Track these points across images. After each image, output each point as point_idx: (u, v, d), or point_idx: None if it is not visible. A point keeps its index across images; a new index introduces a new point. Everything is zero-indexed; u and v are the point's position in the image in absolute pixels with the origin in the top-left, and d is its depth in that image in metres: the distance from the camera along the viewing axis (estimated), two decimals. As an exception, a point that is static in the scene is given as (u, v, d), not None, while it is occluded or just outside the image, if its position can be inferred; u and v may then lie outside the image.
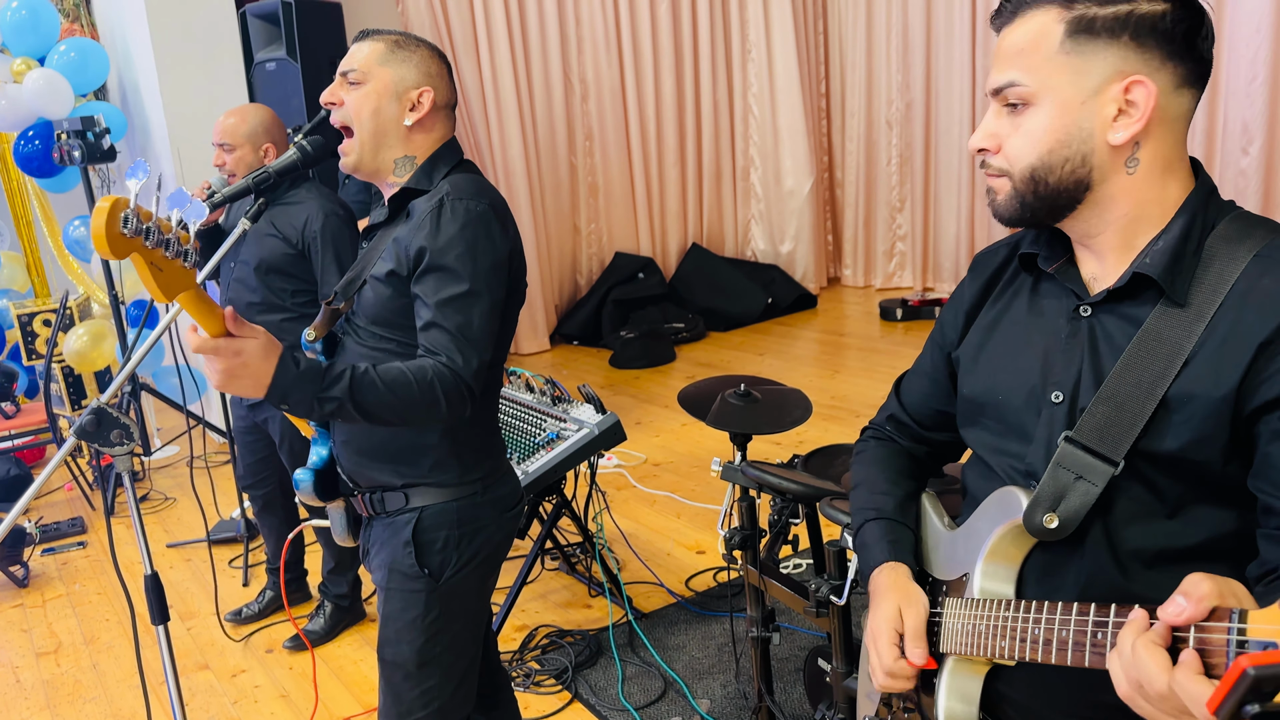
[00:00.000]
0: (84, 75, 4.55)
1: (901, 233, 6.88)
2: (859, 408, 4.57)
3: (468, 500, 1.65)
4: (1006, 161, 1.05)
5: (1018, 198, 1.05)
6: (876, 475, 1.31)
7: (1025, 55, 1.02)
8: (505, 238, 1.59)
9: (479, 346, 1.52)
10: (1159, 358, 0.99)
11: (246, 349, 1.35)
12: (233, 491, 3.70)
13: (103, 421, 1.52)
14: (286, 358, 1.39)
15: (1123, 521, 1.02)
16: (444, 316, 1.51)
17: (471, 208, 1.55)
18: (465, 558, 1.65)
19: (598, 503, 3.11)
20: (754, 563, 2.08)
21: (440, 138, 1.65)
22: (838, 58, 7.03)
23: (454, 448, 1.63)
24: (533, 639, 2.86)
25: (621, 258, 6.61)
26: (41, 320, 4.69)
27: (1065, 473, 1.02)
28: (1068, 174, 1.03)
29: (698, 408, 2.29)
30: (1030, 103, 1.02)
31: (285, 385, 1.38)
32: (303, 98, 4.36)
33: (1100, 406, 1.02)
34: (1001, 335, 1.17)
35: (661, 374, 5.56)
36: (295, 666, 2.87)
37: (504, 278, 1.58)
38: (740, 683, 2.56)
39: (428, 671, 1.65)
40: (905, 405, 1.35)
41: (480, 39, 5.87)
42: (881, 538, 1.23)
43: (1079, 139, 1.01)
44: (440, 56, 1.68)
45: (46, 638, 3.17)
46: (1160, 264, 1.01)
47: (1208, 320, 0.98)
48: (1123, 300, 1.04)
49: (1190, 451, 0.98)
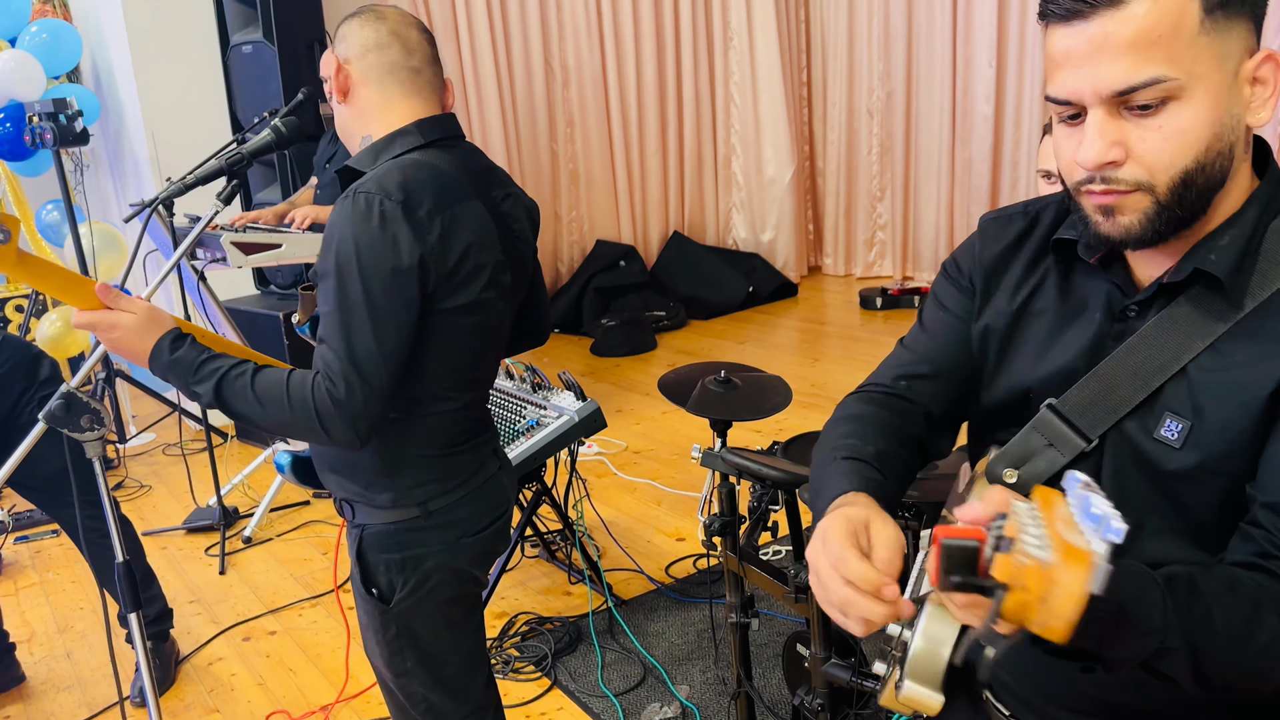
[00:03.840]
0: (56, 57, 4.48)
1: (882, 222, 6.89)
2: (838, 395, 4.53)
3: (407, 524, 1.50)
4: (1146, 171, 0.89)
5: (1163, 212, 0.90)
6: (852, 427, 1.11)
7: (1163, 43, 0.85)
8: (416, 241, 1.34)
9: (367, 372, 1.32)
10: (1169, 346, 0.93)
11: (121, 323, 1.34)
12: (209, 479, 3.67)
13: (72, 406, 1.50)
14: (163, 343, 1.37)
15: (1134, 530, 0.94)
16: (326, 331, 1.35)
17: (374, 204, 1.33)
18: (413, 583, 1.51)
19: (578, 490, 3.11)
20: (734, 549, 2.08)
21: (385, 97, 1.46)
22: (819, 46, 7.02)
23: (385, 468, 1.47)
24: (512, 626, 2.85)
25: (603, 245, 6.59)
26: (14, 305, 4.62)
27: (1038, 437, 1.00)
28: (1217, 171, 0.90)
29: (678, 395, 2.28)
30: (1176, 97, 0.87)
31: (160, 369, 1.38)
32: (279, 81, 4.31)
33: (1092, 382, 0.97)
34: (1030, 325, 1.07)
35: (642, 362, 5.56)
36: (272, 655, 2.85)
37: (407, 289, 1.35)
38: (719, 668, 2.56)
39: (405, 681, 1.60)
40: (928, 357, 1.15)
41: (460, 24, 5.82)
42: (851, 473, 1.02)
43: (1230, 128, 0.89)
44: (359, 12, 1.50)
45: (20, 626, 3.13)
46: (1227, 262, 0.91)
47: (1237, 319, 0.91)
48: (1174, 296, 0.95)
49: (1188, 457, 0.92)
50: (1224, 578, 0.86)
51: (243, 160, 1.73)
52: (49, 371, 2.55)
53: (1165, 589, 0.82)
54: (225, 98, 4.73)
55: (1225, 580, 0.86)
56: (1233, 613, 0.83)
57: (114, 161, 5.10)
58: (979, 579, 0.72)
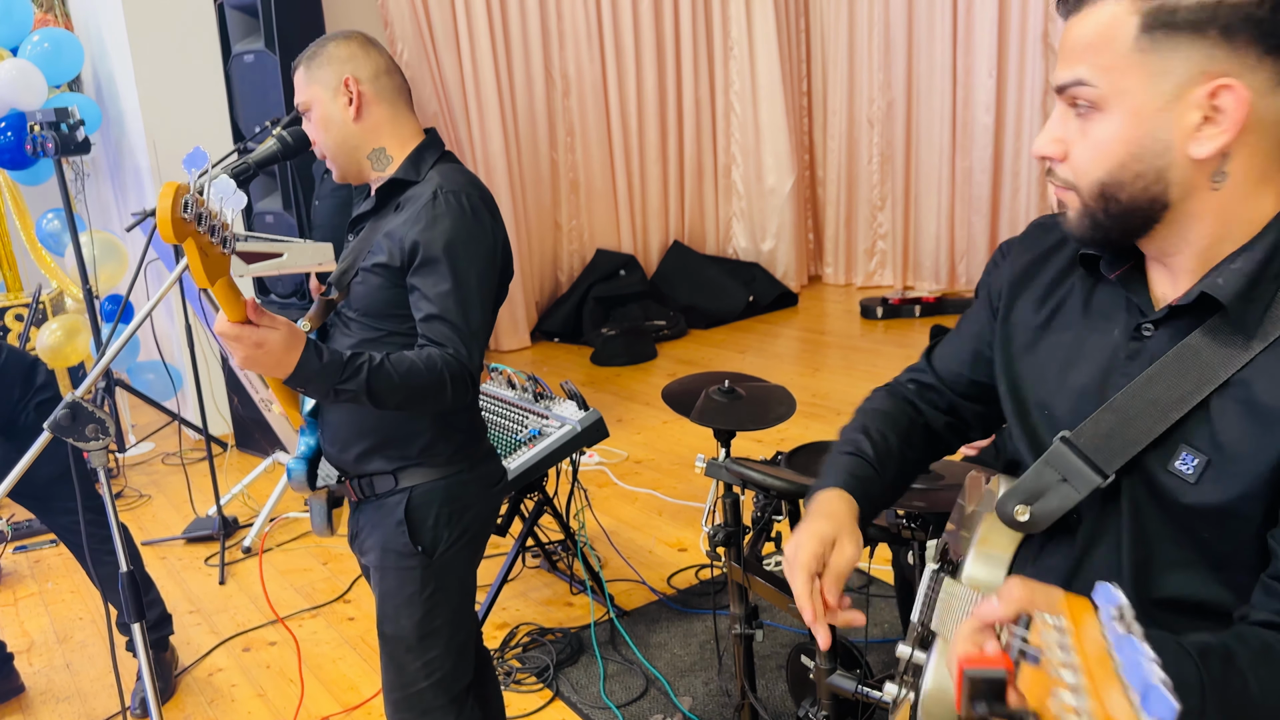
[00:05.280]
0: (58, 66, 4.47)
1: (882, 231, 6.90)
2: (840, 405, 4.58)
3: (455, 478, 1.70)
4: (1073, 173, 0.92)
5: (1088, 215, 0.92)
6: (873, 419, 1.21)
7: (1094, 51, 0.87)
8: (496, 229, 1.63)
9: (479, 336, 1.58)
10: (1189, 378, 0.90)
11: (269, 340, 1.42)
12: (209, 489, 3.66)
13: (78, 416, 1.50)
14: (310, 351, 1.46)
15: (1150, 563, 0.94)
16: (444, 309, 1.55)
17: (465, 201, 1.58)
18: (456, 533, 1.70)
19: (579, 500, 3.10)
20: (737, 559, 2.08)
21: (396, 115, 1.66)
22: (819, 55, 7.04)
23: (444, 430, 1.68)
24: (514, 637, 2.84)
25: (603, 254, 6.59)
26: (14, 315, 4.61)
27: (1051, 471, 0.98)
28: (1140, 191, 0.89)
29: (682, 404, 2.28)
30: (1099, 107, 0.88)
31: (308, 375, 1.46)
32: (281, 90, 4.31)
33: (1108, 415, 0.94)
34: (1053, 340, 1.06)
35: (643, 371, 5.55)
36: (272, 665, 2.83)
37: (496, 269, 1.63)
38: (723, 680, 2.55)
39: (429, 644, 1.70)
40: (936, 368, 1.23)
41: (461, 33, 5.83)
42: (845, 470, 1.15)
43: (1154, 152, 0.87)
44: (349, 38, 1.66)
45: (19, 636, 3.12)
46: (1234, 287, 0.88)
47: (1260, 350, 0.88)
48: (1190, 318, 0.92)
49: (1207, 494, 0.89)
50: (1257, 645, 0.83)
51: (249, 170, 1.73)
52: (44, 378, 2.57)
53: (1200, 664, 0.79)
54: (226, 107, 4.73)
55: (1258, 647, 0.83)
56: (1270, 683, 0.81)
57: (115, 170, 5.10)
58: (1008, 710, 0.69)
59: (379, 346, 1.61)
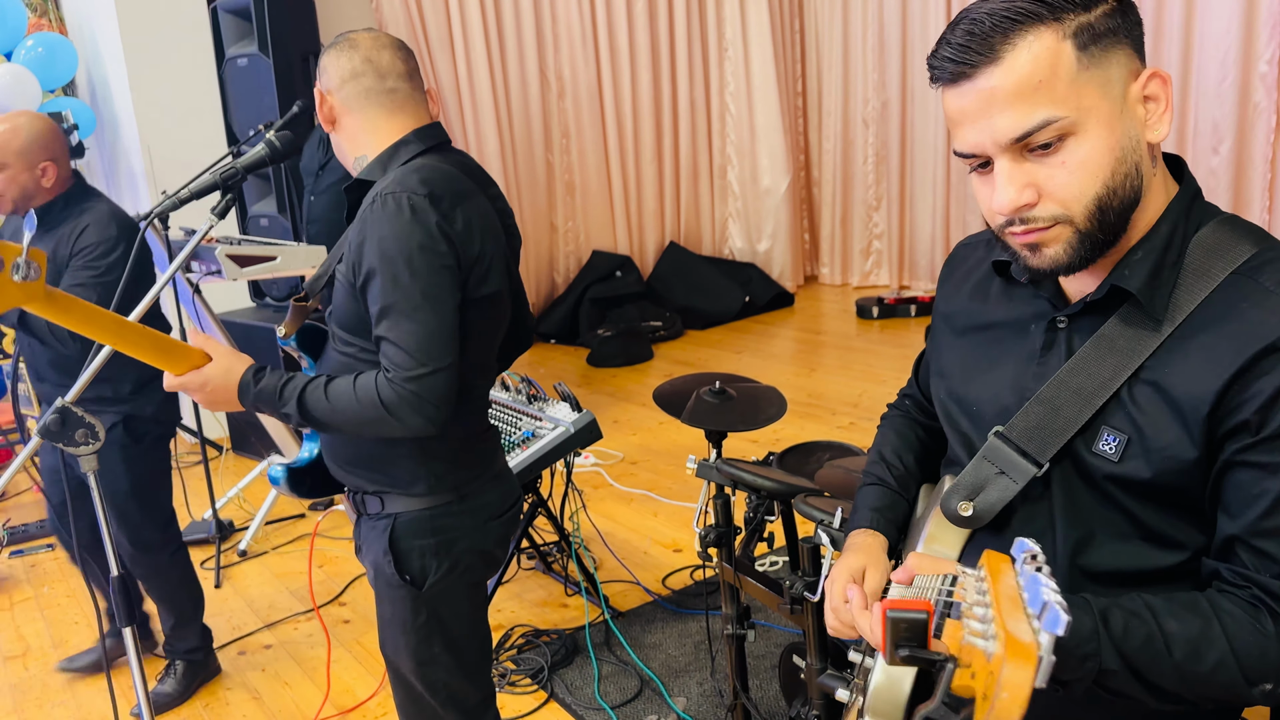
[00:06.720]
0: (52, 70, 4.48)
1: (878, 231, 6.91)
2: (835, 405, 4.58)
3: (442, 509, 1.58)
4: (1061, 206, 0.93)
5: (1084, 239, 0.94)
6: (887, 445, 1.33)
7: (1044, 88, 0.90)
8: (450, 229, 1.44)
9: (433, 354, 1.40)
10: (1106, 365, 0.97)
11: (210, 377, 1.39)
12: (204, 492, 3.66)
13: (67, 421, 1.50)
14: (247, 378, 1.42)
15: (1090, 541, 1.01)
16: (388, 329, 1.41)
17: (405, 201, 1.41)
18: (446, 566, 1.58)
19: (574, 501, 3.10)
20: (729, 560, 2.08)
21: (367, 119, 1.55)
22: (814, 56, 7.05)
23: (422, 458, 1.55)
24: (509, 638, 2.84)
25: (599, 256, 6.60)
26: (9, 319, 4.61)
27: (988, 465, 1.03)
28: (1130, 190, 0.94)
29: (673, 406, 2.28)
30: (1072, 132, 0.91)
31: (248, 403, 1.43)
32: (275, 94, 4.31)
33: (1037, 407, 1.01)
34: (975, 342, 1.14)
35: (639, 372, 5.56)
36: (267, 669, 2.84)
37: (452, 275, 1.44)
38: (716, 680, 2.56)
39: (428, 670, 1.64)
40: (920, 385, 1.36)
41: (455, 35, 5.84)
42: (870, 505, 1.25)
43: (1130, 149, 0.93)
44: (332, 45, 1.58)
45: (14, 641, 3.12)
46: (1140, 277, 0.96)
47: (1170, 334, 0.94)
48: (1100, 312, 1.00)
49: (1130, 469, 0.96)
50: (1184, 600, 0.92)
51: (237, 175, 1.74)
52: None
53: (1100, 617, 0.89)
54: (220, 111, 4.74)
55: (1183, 602, 0.91)
56: (1181, 634, 0.89)
57: (109, 175, 5.10)
58: (928, 652, 0.74)
59: (363, 365, 1.50)
